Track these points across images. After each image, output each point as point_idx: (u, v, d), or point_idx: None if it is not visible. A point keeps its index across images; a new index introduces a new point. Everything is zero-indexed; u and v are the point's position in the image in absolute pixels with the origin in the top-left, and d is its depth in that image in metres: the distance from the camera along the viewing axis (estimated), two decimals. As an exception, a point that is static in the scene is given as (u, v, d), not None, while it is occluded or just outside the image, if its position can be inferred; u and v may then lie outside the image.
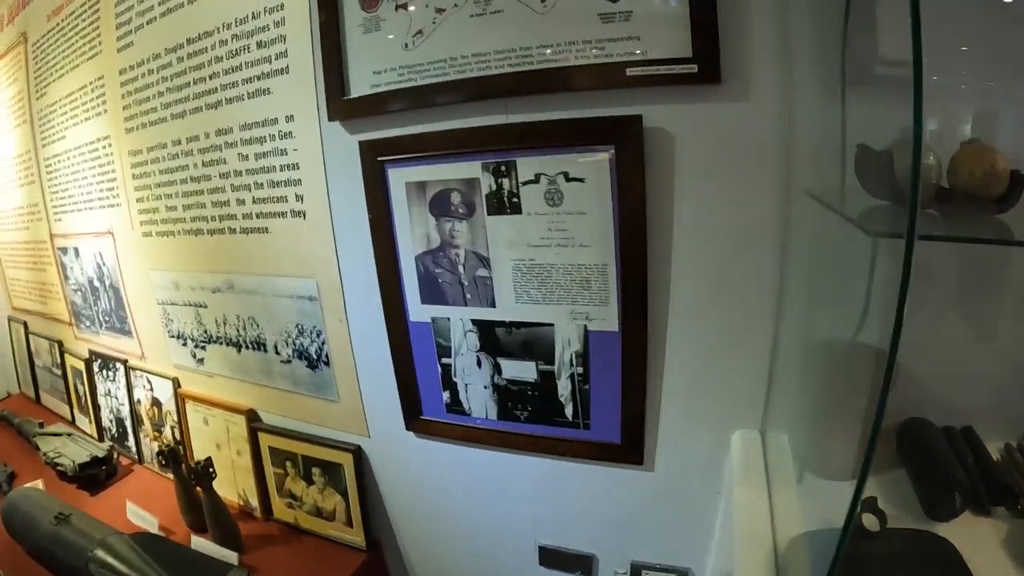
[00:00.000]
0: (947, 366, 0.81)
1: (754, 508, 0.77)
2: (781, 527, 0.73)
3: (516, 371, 0.97)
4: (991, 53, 0.73)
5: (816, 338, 0.82)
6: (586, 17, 0.80)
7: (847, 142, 0.74)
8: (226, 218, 1.17)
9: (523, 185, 0.88)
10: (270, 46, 1.03)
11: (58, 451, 1.53)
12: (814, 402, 0.81)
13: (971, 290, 0.81)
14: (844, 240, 0.69)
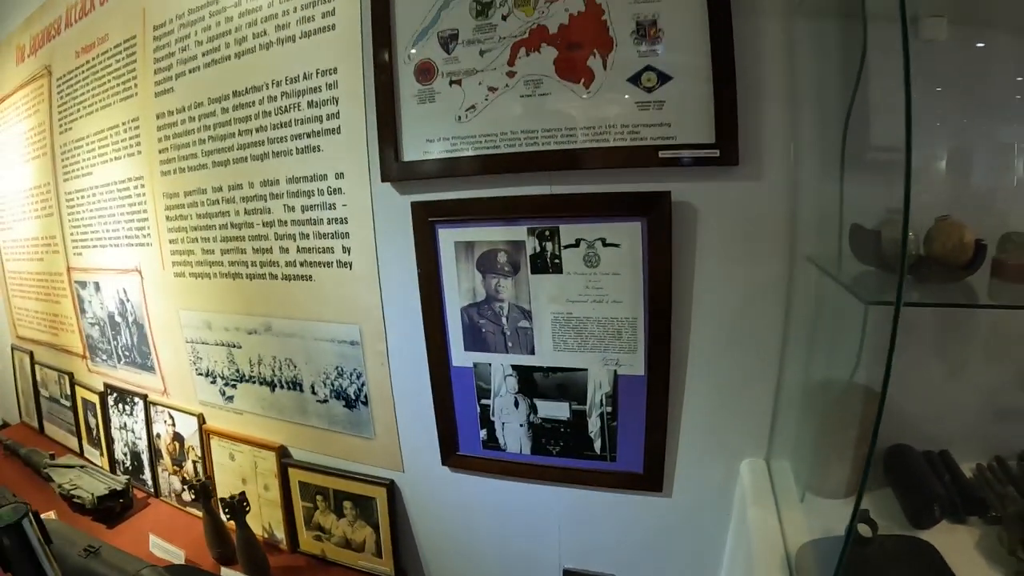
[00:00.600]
0: (925, 400, 0.97)
1: (766, 523, 0.91)
2: (790, 537, 0.87)
3: (551, 411, 1.08)
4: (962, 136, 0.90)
5: (814, 380, 0.97)
6: (624, 103, 0.93)
7: (844, 217, 0.89)
8: (268, 264, 1.24)
9: (565, 248, 1.00)
10: (322, 106, 1.12)
11: (73, 483, 1.54)
12: (813, 434, 0.96)
13: (944, 336, 0.98)
14: (840, 300, 0.83)
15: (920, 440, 0.97)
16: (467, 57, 1.00)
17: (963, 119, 0.93)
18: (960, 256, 0.77)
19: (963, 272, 0.77)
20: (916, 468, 0.92)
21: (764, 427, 1.02)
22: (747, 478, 1.01)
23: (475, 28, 0.99)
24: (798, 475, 0.97)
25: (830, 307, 0.92)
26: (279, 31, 1.15)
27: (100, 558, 1.28)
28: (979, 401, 0.97)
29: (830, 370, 0.94)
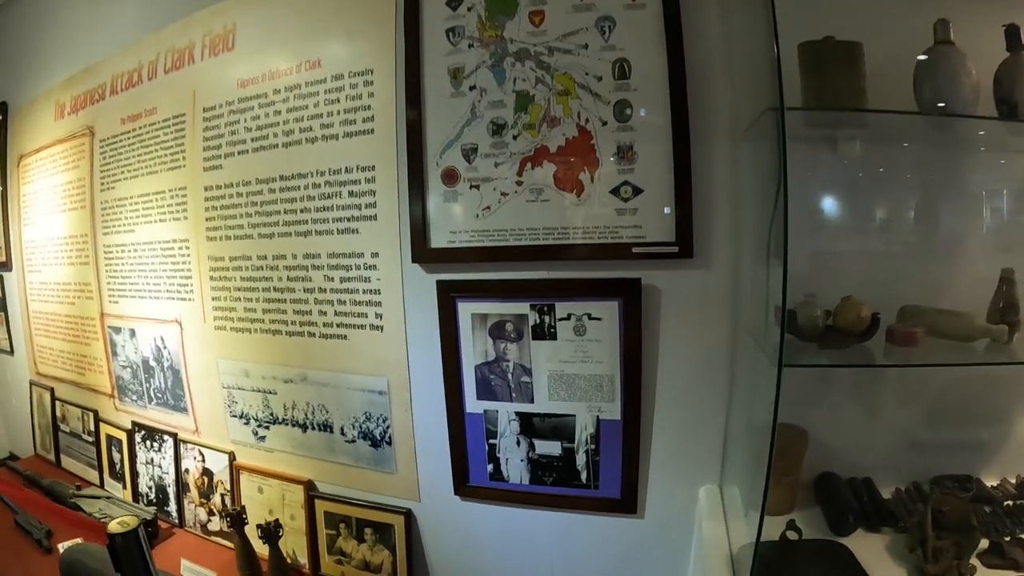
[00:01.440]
0: (849, 436, 1.28)
1: (716, 533, 1.19)
2: (734, 543, 1.14)
3: (546, 448, 1.35)
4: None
5: (752, 422, 1.26)
6: (607, 210, 1.24)
7: (769, 299, 1.20)
8: (307, 324, 1.48)
9: (559, 320, 1.29)
10: (361, 196, 1.38)
11: (103, 512, 1.69)
12: (752, 464, 1.25)
13: (861, 386, 1.28)
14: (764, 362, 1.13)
15: (847, 469, 1.27)
16: (484, 167, 1.29)
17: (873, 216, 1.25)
18: (859, 327, 1.07)
19: (861, 339, 1.07)
20: (837, 489, 1.22)
21: (717, 460, 1.31)
22: (703, 500, 1.30)
23: (491, 144, 1.29)
24: (743, 497, 1.25)
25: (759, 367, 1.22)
26: (324, 129, 1.41)
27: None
28: (895, 436, 1.28)
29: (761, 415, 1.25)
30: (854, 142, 1.26)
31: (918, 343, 1.05)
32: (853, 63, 1.07)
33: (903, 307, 1.13)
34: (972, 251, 1.19)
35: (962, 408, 1.23)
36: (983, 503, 1.15)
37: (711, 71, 1.19)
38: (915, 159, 1.26)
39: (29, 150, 2.17)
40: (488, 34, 1.29)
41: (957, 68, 1.03)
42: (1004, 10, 1.08)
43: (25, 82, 2.16)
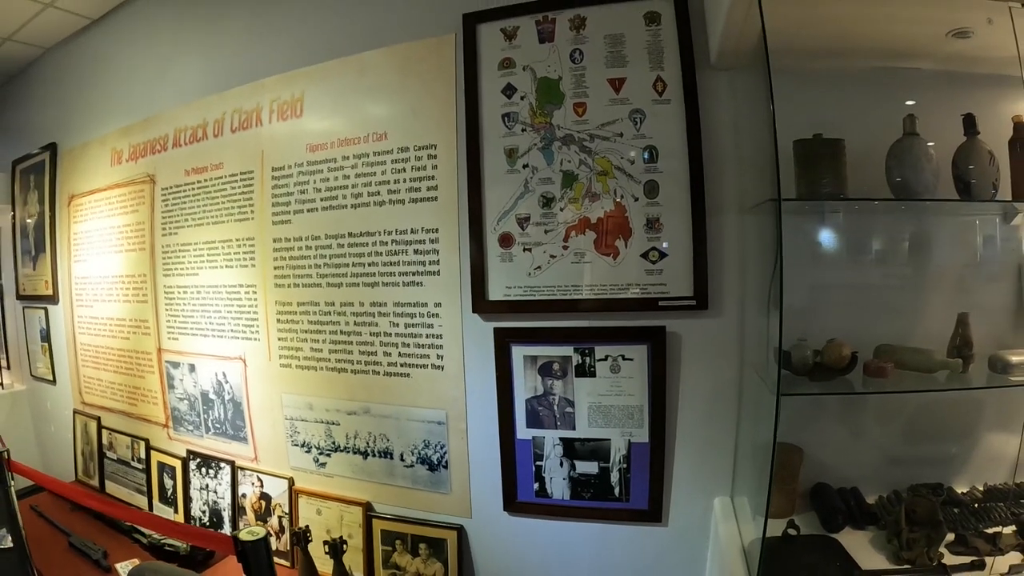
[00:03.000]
0: (838, 453, 1.59)
1: (731, 532, 1.48)
2: (745, 539, 1.43)
3: (585, 468, 1.64)
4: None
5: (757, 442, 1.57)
6: (638, 270, 1.55)
7: (769, 341, 1.52)
8: (371, 363, 1.72)
9: (598, 360, 1.58)
10: (425, 254, 1.65)
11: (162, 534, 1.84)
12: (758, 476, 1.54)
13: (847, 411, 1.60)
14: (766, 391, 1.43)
15: (837, 480, 1.57)
16: (535, 233, 1.58)
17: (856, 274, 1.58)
18: (841, 363, 1.40)
19: (842, 373, 1.39)
20: (829, 496, 1.54)
21: (728, 474, 1.62)
22: (718, 508, 1.61)
23: (542, 214, 1.58)
24: (750, 504, 1.55)
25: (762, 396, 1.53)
26: (391, 194, 1.67)
27: None
28: (877, 452, 1.59)
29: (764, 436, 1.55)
30: (837, 215, 1.61)
31: (888, 375, 1.37)
32: (837, 156, 1.41)
33: (878, 346, 1.46)
34: (936, 300, 1.52)
35: (933, 428, 1.56)
36: (953, 506, 1.46)
37: (723, 156, 1.53)
38: (888, 228, 1.60)
39: (81, 191, 2.36)
40: (538, 120, 1.58)
41: (920, 156, 1.36)
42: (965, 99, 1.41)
43: (76, 125, 2.35)
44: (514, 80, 1.61)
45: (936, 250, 1.57)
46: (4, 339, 3.19)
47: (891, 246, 1.60)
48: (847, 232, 1.61)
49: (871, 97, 1.51)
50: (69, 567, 1.98)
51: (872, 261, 1.61)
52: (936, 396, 1.49)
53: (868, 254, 1.61)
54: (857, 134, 1.39)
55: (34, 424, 3.04)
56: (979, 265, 1.54)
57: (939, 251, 1.57)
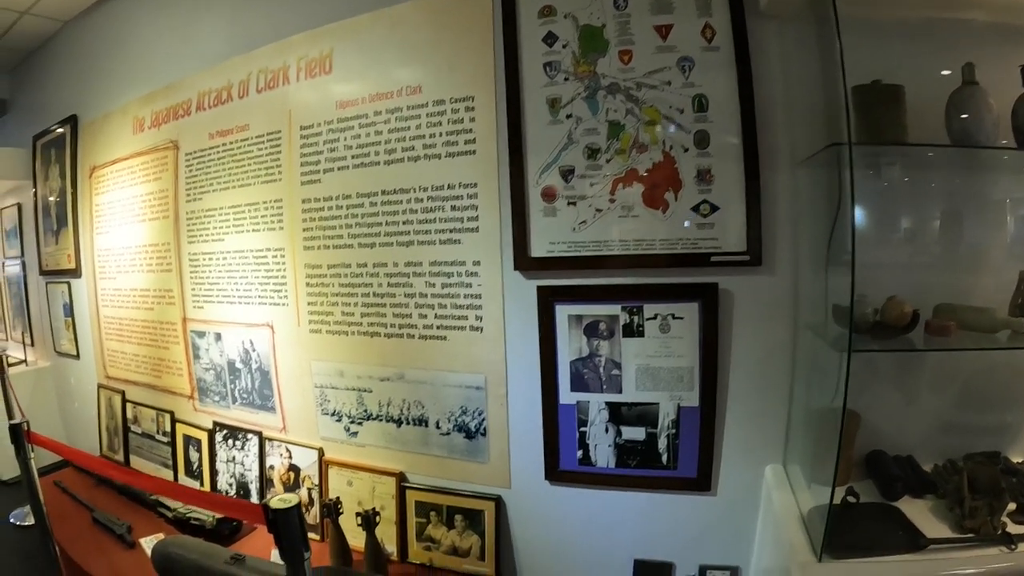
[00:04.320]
0: (893, 420, 1.51)
1: (786, 500, 1.41)
2: (803, 506, 1.35)
3: (631, 434, 1.55)
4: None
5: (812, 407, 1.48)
6: (688, 224, 1.47)
7: (828, 298, 1.43)
8: (405, 327, 1.65)
9: (646, 320, 1.51)
10: (463, 210, 1.57)
11: (188, 507, 1.77)
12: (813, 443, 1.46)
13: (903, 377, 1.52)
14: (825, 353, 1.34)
15: (891, 448, 1.50)
16: (580, 186, 1.51)
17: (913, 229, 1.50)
18: (902, 321, 1.32)
19: (903, 331, 1.31)
20: (885, 463, 1.47)
21: (780, 442, 1.54)
22: (770, 477, 1.53)
23: (586, 166, 1.50)
24: (804, 472, 1.48)
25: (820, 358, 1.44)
26: (426, 149, 1.61)
27: (246, 565, 1.56)
28: (931, 420, 1.52)
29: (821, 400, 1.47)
30: (894, 167, 1.53)
31: (950, 334, 1.31)
32: (896, 103, 1.34)
33: (937, 305, 1.39)
34: (995, 257, 1.46)
35: (990, 394, 1.49)
36: (1010, 475, 1.40)
37: (774, 106, 1.46)
38: (946, 182, 1.52)
39: (103, 162, 2.32)
40: (582, 69, 1.51)
41: (981, 105, 1.30)
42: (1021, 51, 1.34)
43: (96, 97, 2.32)
44: (555, 28, 1.54)
45: (996, 205, 1.49)
46: (28, 316, 3.22)
47: (949, 201, 1.52)
48: (904, 187, 1.52)
49: (925, 47, 1.43)
50: (92, 542, 1.93)
51: (929, 217, 1.53)
52: (993, 361, 1.44)
53: (925, 209, 1.53)
54: (912, 84, 1.31)
55: (58, 401, 3.06)
56: (1041, 220, 1.47)
57: (999, 206, 1.49)
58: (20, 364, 3.07)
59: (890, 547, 1.20)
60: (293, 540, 1.15)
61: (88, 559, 1.83)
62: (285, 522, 1.13)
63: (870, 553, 1.19)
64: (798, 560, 1.22)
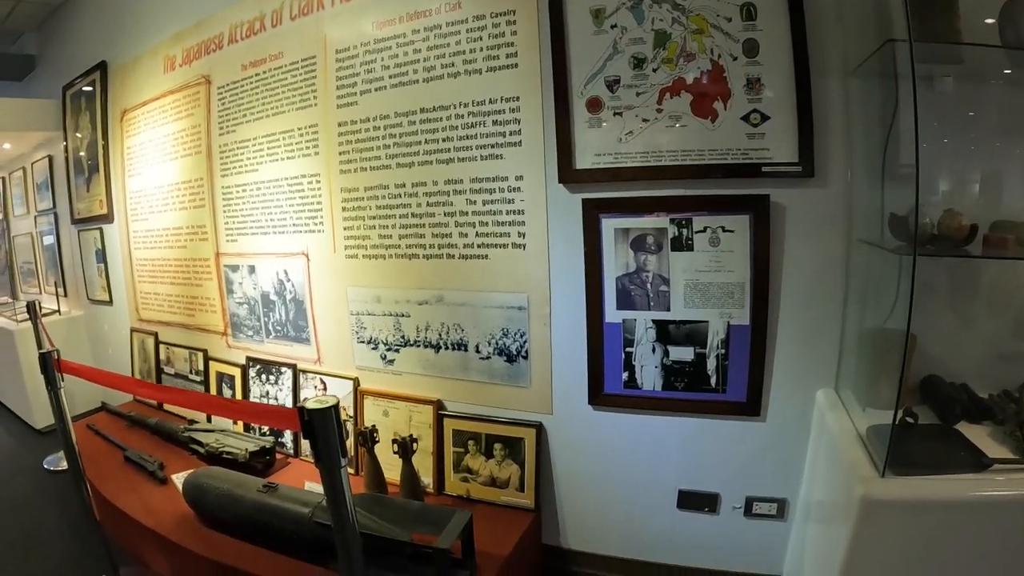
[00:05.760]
0: (947, 345, 1.45)
1: (842, 421, 1.36)
2: (859, 427, 1.28)
3: (679, 354, 1.50)
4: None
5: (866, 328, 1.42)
6: (738, 134, 1.42)
7: (884, 210, 1.37)
8: (446, 247, 1.61)
9: (695, 233, 1.45)
10: (505, 124, 1.54)
11: (220, 442, 1.73)
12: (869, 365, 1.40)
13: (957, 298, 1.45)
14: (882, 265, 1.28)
15: (946, 375, 1.43)
16: (626, 96, 1.46)
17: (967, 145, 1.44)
18: (959, 234, 1.27)
19: (961, 244, 1.25)
20: (942, 387, 1.41)
21: (832, 364, 1.48)
22: (823, 401, 1.47)
23: (632, 76, 1.46)
24: (858, 396, 1.41)
25: (876, 273, 1.38)
26: (466, 65, 1.57)
27: (279, 493, 1.52)
28: (986, 347, 1.45)
29: (876, 319, 1.40)
30: (948, 79, 1.46)
31: (1009, 248, 1.25)
32: (951, 9, 1.27)
33: (995, 221, 1.33)
34: None
35: None
36: None
37: (824, 13, 1.39)
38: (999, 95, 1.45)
39: (134, 104, 2.33)
40: (627, -23, 1.45)
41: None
42: None
43: (125, 41, 2.35)
44: (598, -63, 1.50)
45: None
46: (60, 267, 3.24)
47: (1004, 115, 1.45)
48: (958, 100, 1.46)
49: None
50: (124, 480, 1.92)
51: (983, 130, 1.46)
52: (1050, 286, 1.38)
53: (981, 124, 1.46)
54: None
55: (92, 349, 3.09)
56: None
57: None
58: (53, 314, 3.09)
59: (953, 466, 1.15)
60: (330, 444, 1.05)
61: (120, 496, 1.82)
62: (322, 424, 1.04)
63: (932, 471, 1.14)
64: (860, 475, 1.16)
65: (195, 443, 1.89)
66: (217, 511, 1.59)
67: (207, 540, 1.58)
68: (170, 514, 1.69)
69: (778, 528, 1.58)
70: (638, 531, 1.67)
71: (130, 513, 1.73)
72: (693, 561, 1.66)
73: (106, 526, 1.72)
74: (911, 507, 1.10)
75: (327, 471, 1.04)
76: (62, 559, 1.83)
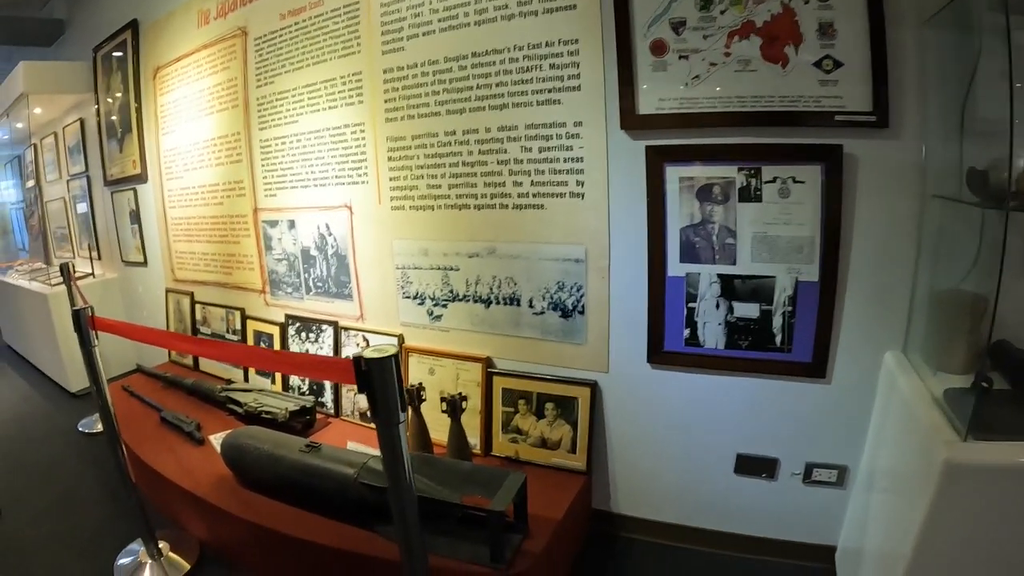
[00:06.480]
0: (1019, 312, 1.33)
1: (915, 384, 1.28)
2: (933, 391, 1.21)
3: (744, 311, 1.43)
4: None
5: (939, 288, 1.35)
6: (810, 80, 1.35)
7: (963, 163, 1.29)
8: (498, 196, 1.55)
9: (764, 183, 1.39)
10: (563, 68, 1.47)
11: (259, 401, 1.67)
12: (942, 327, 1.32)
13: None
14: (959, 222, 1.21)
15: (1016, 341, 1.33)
16: (692, 39, 1.39)
17: None
18: None
19: None
20: (1014, 353, 1.32)
21: (901, 325, 1.42)
22: (891, 364, 1.39)
23: (699, 18, 1.39)
24: (928, 360, 1.34)
25: (951, 231, 1.30)
26: (521, 6, 1.52)
27: (322, 453, 1.46)
28: None
29: (950, 280, 1.33)
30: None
31: None
32: None
33: None
34: None
35: None
36: None
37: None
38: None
39: (167, 61, 2.28)
40: (695, -85, 1.38)
41: None
42: None
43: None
44: None
45: None
46: (94, 230, 3.21)
47: None
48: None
49: None
50: (161, 442, 1.88)
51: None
52: None
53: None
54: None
55: (127, 311, 3.06)
56: None
57: None
58: (87, 277, 3.06)
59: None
60: (388, 398, 0.95)
61: (156, 458, 1.78)
62: (380, 375, 0.94)
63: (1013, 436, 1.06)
64: (942, 439, 1.09)
65: (233, 403, 1.85)
66: (256, 472, 1.55)
67: (246, 502, 1.54)
68: (208, 475, 1.65)
69: (836, 496, 1.52)
70: (691, 496, 1.61)
71: (166, 475, 1.70)
72: (746, 529, 1.60)
73: (142, 488, 1.68)
74: (994, 472, 1.03)
75: (384, 426, 0.98)
76: (98, 522, 1.80)
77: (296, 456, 1.51)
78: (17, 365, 3.63)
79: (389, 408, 0.95)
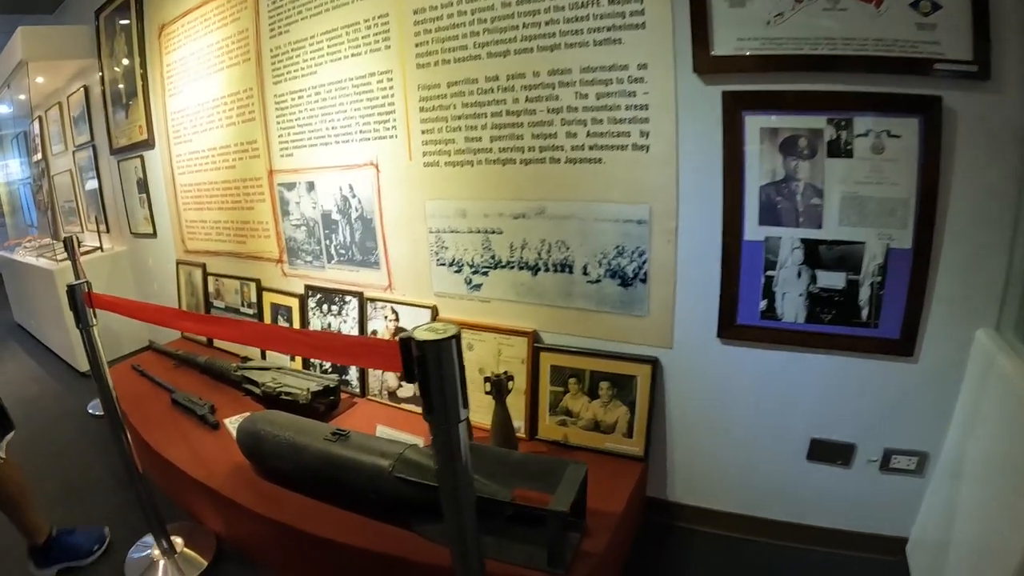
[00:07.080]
0: None
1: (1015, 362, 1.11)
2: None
3: (828, 281, 1.29)
4: None
5: None
6: (906, 24, 1.20)
7: None
8: (548, 149, 1.39)
9: (856, 137, 1.23)
10: (624, 4, 1.31)
11: (278, 381, 1.49)
12: None
13: None
14: None
15: None
16: (778, -30, 1.19)
17: None
18: None
19: None
20: None
21: (995, 300, 1.27)
22: (984, 341, 1.24)
23: (785, -53, 1.19)
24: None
25: None
26: None
27: (351, 442, 1.28)
28: None
29: None
30: None
31: None
32: None
33: None
34: None
35: None
36: None
37: None
38: None
39: (172, 17, 2.09)
40: None
41: None
42: None
43: None
44: None
45: None
46: (101, 201, 3.05)
47: None
48: None
49: None
50: (172, 426, 1.71)
51: None
52: None
53: None
54: None
55: (136, 286, 2.94)
56: None
57: None
58: (95, 251, 2.93)
59: None
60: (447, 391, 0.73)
61: (167, 445, 1.60)
62: (438, 361, 0.72)
63: None
64: None
65: (249, 383, 1.68)
66: (276, 462, 1.38)
67: (265, 495, 1.37)
68: (222, 464, 1.48)
69: (913, 485, 1.38)
70: (758, 484, 1.47)
71: (178, 464, 1.52)
72: (816, 519, 1.46)
73: (152, 478, 1.53)
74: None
75: (442, 426, 0.75)
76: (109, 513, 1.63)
77: (321, 445, 1.33)
78: (27, 344, 3.57)
79: (448, 404, 0.73)
